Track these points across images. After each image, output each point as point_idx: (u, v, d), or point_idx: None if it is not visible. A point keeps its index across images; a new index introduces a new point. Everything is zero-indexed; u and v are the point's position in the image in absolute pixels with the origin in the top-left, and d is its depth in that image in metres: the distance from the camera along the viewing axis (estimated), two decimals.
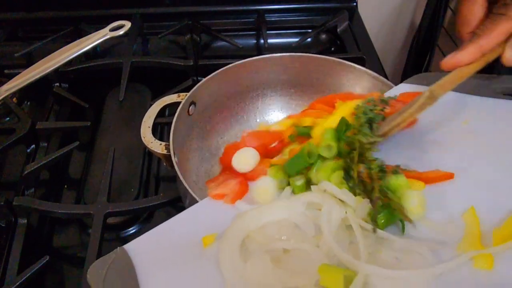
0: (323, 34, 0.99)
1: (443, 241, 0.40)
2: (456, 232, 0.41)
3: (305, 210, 0.44)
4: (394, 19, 1.23)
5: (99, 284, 0.38)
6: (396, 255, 0.40)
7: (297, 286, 0.38)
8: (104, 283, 0.38)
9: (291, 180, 0.48)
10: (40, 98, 0.83)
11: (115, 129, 0.77)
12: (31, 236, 0.61)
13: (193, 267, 0.41)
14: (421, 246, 0.40)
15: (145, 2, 0.98)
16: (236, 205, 0.47)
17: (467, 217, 0.42)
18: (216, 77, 0.67)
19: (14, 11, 0.97)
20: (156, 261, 0.41)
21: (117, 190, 0.66)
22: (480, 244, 0.39)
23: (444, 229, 0.41)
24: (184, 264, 0.41)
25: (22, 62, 0.87)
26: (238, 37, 0.96)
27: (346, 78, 0.70)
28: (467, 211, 0.42)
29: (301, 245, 0.41)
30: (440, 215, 0.43)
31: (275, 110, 0.75)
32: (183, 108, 0.62)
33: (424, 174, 0.46)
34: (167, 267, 0.41)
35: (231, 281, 0.39)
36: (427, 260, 0.39)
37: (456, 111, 0.53)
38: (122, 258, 0.40)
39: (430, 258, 0.39)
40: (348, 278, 0.37)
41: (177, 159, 0.56)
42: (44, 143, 0.74)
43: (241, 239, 0.42)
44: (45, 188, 0.69)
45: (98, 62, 0.86)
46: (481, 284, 0.36)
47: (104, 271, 0.39)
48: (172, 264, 0.41)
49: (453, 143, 0.50)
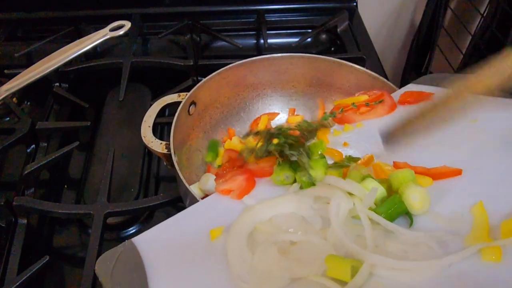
0: (323, 34, 0.99)
1: (451, 234, 0.40)
2: (464, 226, 0.41)
3: (313, 204, 0.44)
4: (394, 19, 1.23)
5: (107, 276, 0.38)
6: (404, 247, 0.40)
7: (304, 276, 0.38)
8: (112, 275, 0.38)
9: (297, 176, 0.48)
10: (40, 98, 0.83)
11: (115, 129, 0.77)
12: (31, 236, 0.61)
13: (201, 260, 0.41)
14: (429, 238, 0.40)
15: (145, 2, 0.98)
16: (243, 200, 0.48)
17: (475, 211, 0.42)
18: (216, 77, 0.67)
19: (14, 11, 0.97)
20: (163, 254, 0.41)
21: (117, 190, 0.66)
22: (488, 237, 0.39)
23: (452, 223, 0.42)
24: (191, 258, 0.41)
25: (22, 62, 0.87)
26: (238, 37, 0.96)
27: (346, 78, 0.70)
28: (475, 205, 0.42)
29: (308, 237, 0.41)
30: (448, 209, 0.43)
31: (275, 110, 0.75)
32: (183, 107, 0.62)
33: (432, 170, 0.46)
34: (174, 260, 0.41)
35: (237, 271, 0.39)
36: (435, 252, 0.39)
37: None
38: (130, 251, 0.41)
39: (437, 251, 0.39)
40: (355, 268, 0.37)
41: (177, 159, 0.57)
42: (44, 143, 0.74)
43: (248, 231, 0.42)
44: (45, 188, 0.69)
45: (98, 62, 0.86)
46: (489, 277, 0.37)
47: (112, 264, 0.39)
48: (179, 257, 0.41)
49: (462, 141, 0.50)
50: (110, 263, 0.39)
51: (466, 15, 1.18)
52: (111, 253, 0.41)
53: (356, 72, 0.68)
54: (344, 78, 0.70)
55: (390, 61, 1.34)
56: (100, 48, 0.93)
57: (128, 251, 0.41)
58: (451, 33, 1.15)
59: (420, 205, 0.42)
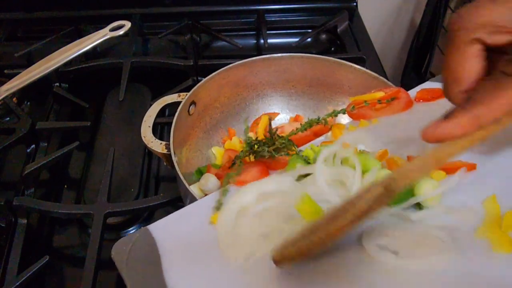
0: (323, 34, 0.99)
1: (462, 227, 0.40)
2: (476, 218, 0.41)
3: (295, 181, 0.46)
4: (394, 19, 1.23)
5: (123, 261, 0.39)
6: (415, 238, 0.40)
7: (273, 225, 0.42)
8: (127, 260, 0.39)
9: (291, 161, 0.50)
10: (40, 98, 0.83)
11: (115, 129, 0.77)
12: (31, 236, 0.61)
13: (213, 248, 0.42)
14: (440, 230, 0.40)
15: (145, 2, 0.98)
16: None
17: (487, 204, 0.42)
18: (216, 77, 0.67)
19: (14, 11, 0.97)
20: (178, 242, 0.42)
21: (117, 190, 0.66)
22: (500, 230, 0.39)
23: (463, 215, 0.42)
24: (204, 246, 0.42)
25: (22, 62, 0.87)
26: (238, 37, 0.96)
27: (346, 78, 0.70)
28: (488, 198, 0.42)
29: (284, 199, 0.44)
30: (460, 202, 0.43)
31: (275, 110, 0.75)
32: (183, 107, 0.62)
33: (447, 164, 0.45)
34: (188, 248, 0.42)
35: (226, 244, 0.42)
36: (446, 244, 0.39)
37: None
38: (145, 238, 0.42)
39: (448, 242, 0.39)
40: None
41: (177, 159, 0.57)
42: (44, 143, 0.74)
43: (236, 210, 0.44)
44: (45, 188, 0.69)
45: (98, 62, 0.86)
46: (500, 268, 0.37)
47: (128, 248, 0.40)
48: (193, 246, 0.42)
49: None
50: (126, 248, 0.40)
51: None
52: (127, 238, 0.42)
53: (356, 72, 0.68)
54: (344, 78, 0.70)
55: (390, 61, 1.34)
56: (100, 48, 0.93)
57: (144, 237, 0.42)
58: None
59: (429, 190, 0.42)
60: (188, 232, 0.43)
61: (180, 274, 0.39)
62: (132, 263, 0.40)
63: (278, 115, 0.75)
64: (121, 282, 0.58)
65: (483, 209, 0.42)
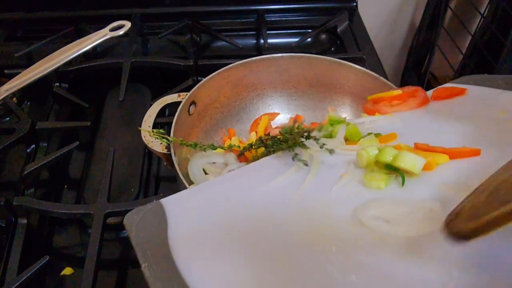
0: (323, 34, 0.99)
1: (456, 195, 0.41)
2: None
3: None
4: (394, 19, 1.23)
5: (132, 225, 0.42)
6: (408, 209, 0.41)
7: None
8: (137, 224, 0.42)
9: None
10: (40, 98, 0.83)
11: (115, 129, 0.77)
12: (31, 236, 0.61)
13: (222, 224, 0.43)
14: (434, 202, 0.41)
15: (145, 2, 0.98)
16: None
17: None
18: (216, 77, 0.67)
19: (14, 11, 0.97)
20: (187, 214, 0.44)
21: (117, 190, 0.66)
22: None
23: (459, 190, 0.42)
24: (212, 221, 0.43)
25: (22, 62, 0.87)
26: (238, 37, 0.96)
27: (346, 78, 0.70)
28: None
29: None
30: (459, 180, 0.43)
31: (275, 110, 0.75)
32: (183, 107, 0.62)
33: (450, 149, 0.46)
34: (196, 219, 0.43)
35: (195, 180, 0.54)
36: (437, 214, 0.40)
37: (494, 103, 0.54)
38: (157, 209, 0.44)
39: (440, 213, 0.40)
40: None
41: (177, 159, 0.57)
42: (44, 143, 0.74)
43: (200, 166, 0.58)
44: (45, 188, 0.69)
45: (98, 62, 0.86)
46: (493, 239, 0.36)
47: (139, 217, 0.43)
48: (201, 219, 0.44)
49: (488, 128, 0.50)
50: (137, 216, 0.43)
51: (466, 15, 1.18)
52: (139, 209, 0.44)
53: (356, 72, 0.69)
54: (344, 78, 0.70)
55: (390, 61, 1.34)
56: (100, 48, 0.93)
57: (155, 208, 0.44)
58: (451, 33, 1.15)
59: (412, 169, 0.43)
60: (200, 207, 0.45)
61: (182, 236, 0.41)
62: (141, 226, 0.42)
63: (278, 115, 0.75)
64: (121, 282, 0.58)
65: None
